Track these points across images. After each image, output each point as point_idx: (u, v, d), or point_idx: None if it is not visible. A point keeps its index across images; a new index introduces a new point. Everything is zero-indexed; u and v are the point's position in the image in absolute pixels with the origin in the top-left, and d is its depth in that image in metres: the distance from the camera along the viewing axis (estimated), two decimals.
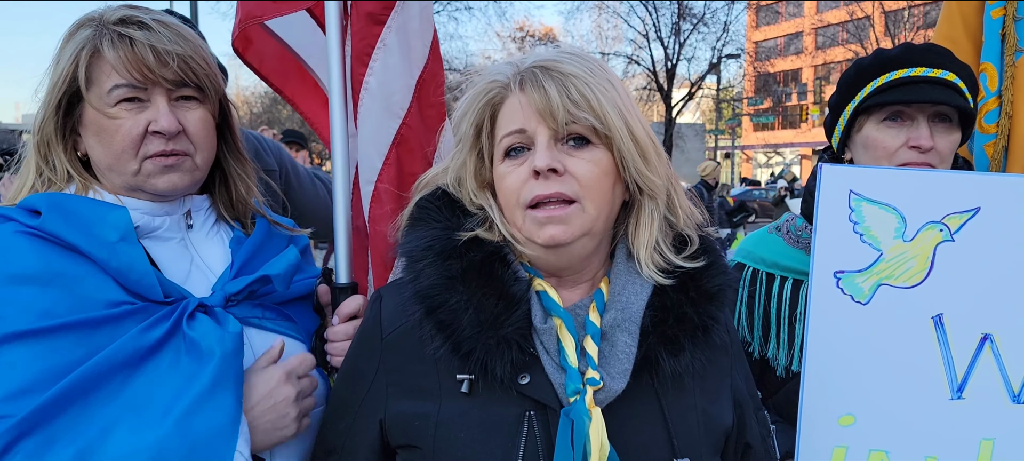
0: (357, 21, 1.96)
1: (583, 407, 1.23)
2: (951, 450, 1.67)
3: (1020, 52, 2.27)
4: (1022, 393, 1.66)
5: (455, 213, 1.37)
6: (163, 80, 1.43)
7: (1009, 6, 2.27)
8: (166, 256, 1.49)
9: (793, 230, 2.05)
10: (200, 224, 1.58)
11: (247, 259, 1.55)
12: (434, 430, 1.29)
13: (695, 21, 30.84)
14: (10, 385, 1.25)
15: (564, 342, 1.28)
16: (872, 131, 1.92)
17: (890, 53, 1.92)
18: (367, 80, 1.94)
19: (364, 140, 1.96)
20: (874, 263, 1.72)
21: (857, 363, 1.71)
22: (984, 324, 1.68)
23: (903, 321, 1.70)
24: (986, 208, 1.69)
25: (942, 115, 1.88)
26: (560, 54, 1.32)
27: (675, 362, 1.30)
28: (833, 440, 1.70)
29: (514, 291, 1.29)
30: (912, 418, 1.68)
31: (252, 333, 1.49)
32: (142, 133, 1.43)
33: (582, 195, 1.27)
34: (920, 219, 1.71)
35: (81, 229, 1.37)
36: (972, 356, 1.68)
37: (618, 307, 1.32)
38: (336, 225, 1.87)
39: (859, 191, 1.73)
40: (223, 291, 1.47)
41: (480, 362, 1.26)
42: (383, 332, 1.39)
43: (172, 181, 1.47)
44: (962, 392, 1.67)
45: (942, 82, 1.85)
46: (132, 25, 1.43)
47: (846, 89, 1.97)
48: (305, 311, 1.67)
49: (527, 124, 1.28)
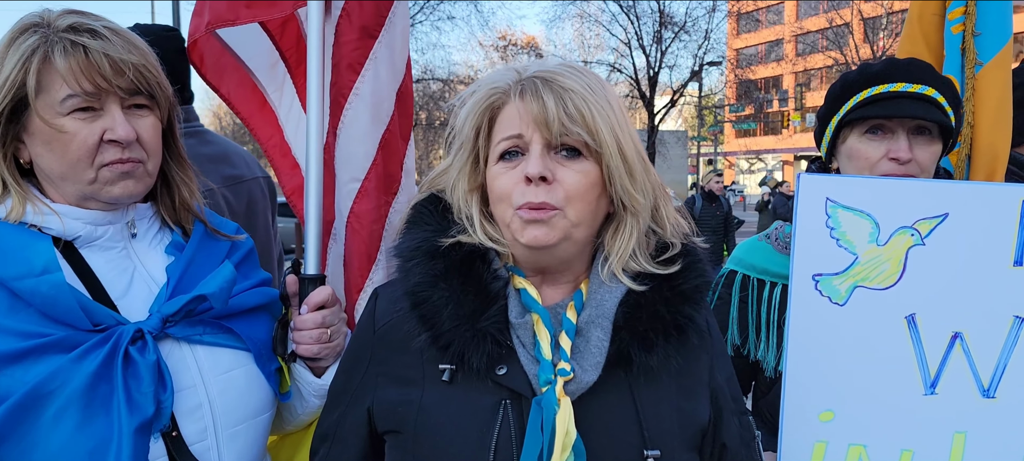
0: (350, 32, 2.06)
1: (553, 396, 1.31)
2: (926, 443, 1.76)
3: (979, 65, 2.38)
4: (991, 388, 1.75)
5: (445, 217, 1.45)
6: (118, 89, 1.43)
7: (968, 22, 2.38)
8: (107, 266, 1.50)
9: (781, 237, 2.14)
10: (143, 232, 1.59)
11: (182, 274, 1.56)
12: (416, 415, 1.37)
13: (677, 29, 31.09)
14: None
15: (539, 336, 1.37)
16: (855, 143, 2.00)
17: (874, 68, 2.01)
18: (358, 87, 2.05)
19: (353, 141, 2.06)
20: (850, 266, 1.81)
21: (835, 361, 1.79)
22: (954, 323, 1.77)
23: (878, 321, 1.78)
24: (954, 213, 1.79)
25: (922, 128, 1.96)
26: (562, 67, 1.39)
27: (647, 357, 1.37)
28: (814, 435, 1.78)
29: (492, 288, 1.37)
30: (888, 413, 1.77)
31: (198, 350, 1.53)
32: (97, 142, 1.42)
33: (566, 203, 1.34)
34: (892, 224, 1.80)
35: (4, 261, 1.36)
36: (943, 353, 1.77)
37: (593, 305, 1.40)
38: (307, 218, 1.92)
39: (835, 198, 1.82)
40: (160, 313, 1.47)
41: (458, 353, 1.34)
42: (376, 326, 1.49)
43: (127, 188, 1.48)
44: (935, 388, 1.76)
45: (922, 97, 1.93)
46: (84, 33, 1.41)
47: (832, 101, 2.06)
48: (254, 322, 1.67)
49: (523, 130, 1.35)
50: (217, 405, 1.52)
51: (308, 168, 1.93)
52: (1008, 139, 2.39)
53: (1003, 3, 2.36)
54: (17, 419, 1.30)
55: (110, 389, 1.36)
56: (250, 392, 1.59)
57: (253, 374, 1.61)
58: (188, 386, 1.49)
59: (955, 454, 1.75)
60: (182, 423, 1.46)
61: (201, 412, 1.50)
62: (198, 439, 1.49)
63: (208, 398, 1.51)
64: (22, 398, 1.30)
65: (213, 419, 1.51)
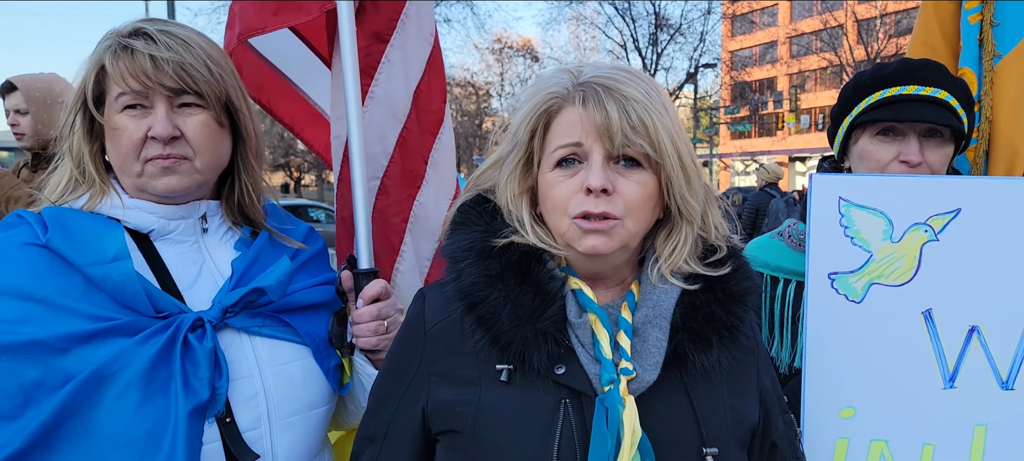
0: (363, 38, 2.12)
1: (617, 395, 1.31)
2: (947, 436, 1.77)
3: (998, 57, 2.30)
4: (1010, 380, 1.77)
5: (495, 218, 1.45)
6: (160, 87, 1.50)
7: (986, 12, 2.29)
8: (178, 259, 1.58)
9: (795, 235, 2.15)
10: (214, 228, 1.66)
11: (247, 268, 1.62)
12: (475, 415, 1.36)
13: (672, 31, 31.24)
14: None
15: (599, 336, 1.36)
16: (866, 144, 2.02)
17: (887, 70, 2.02)
18: (373, 91, 2.14)
19: (371, 142, 2.14)
20: (865, 264, 1.83)
21: (854, 358, 1.81)
22: (971, 317, 1.79)
23: (895, 317, 1.80)
24: (966, 209, 1.81)
25: (933, 131, 1.98)
26: (619, 73, 1.37)
27: (704, 357, 1.38)
28: (836, 432, 1.80)
29: (550, 288, 1.37)
30: (909, 408, 1.79)
31: (256, 341, 1.59)
32: (142, 138, 1.51)
33: (626, 214, 1.34)
34: (906, 221, 1.82)
35: (79, 247, 1.45)
36: (961, 347, 1.79)
37: (649, 305, 1.40)
38: (357, 216, 2.00)
39: (847, 197, 1.84)
40: (221, 303, 1.54)
41: (518, 353, 1.34)
42: (426, 326, 1.47)
43: (169, 183, 1.54)
44: (954, 381, 1.78)
45: (933, 100, 1.94)
46: (138, 36, 1.51)
47: (845, 102, 2.08)
48: (314, 318, 1.72)
49: (584, 139, 1.33)
50: (272, 395, 1.57)
51: (353, 171, 2.01)
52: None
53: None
54: (82, 397, 1.36)
55: (169, 373, 1.42)
56: (306, 385, 1.63)
57: (310, 368, 1.65)
58: (245, 375, 1.54)
59: (976, 446, 1.77)
60: (237, 410, 1.51)
61: (256, 401, 1.54)
62: (252, 427, 1.53)
63: (264, 388, 1.56)
64: (88, 377, 1.36)
65: (267, 408, 1.56)
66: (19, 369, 1.35)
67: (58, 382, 1.36)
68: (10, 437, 1.33)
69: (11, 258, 1.43)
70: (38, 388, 1.35)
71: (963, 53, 2.34)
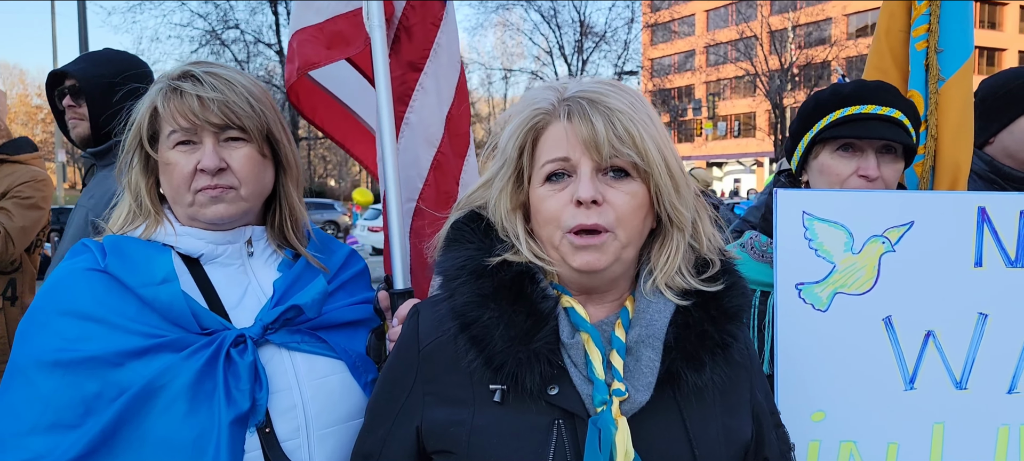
0: (397, 67, 2.29)
1: (610, 416, 1.31)
2: (909, 435, 1.90)
3: (942, 80, 2.49)
4: (963, 380, 1.91)
5: (488, 235, 1.45)
6: (207, 124, 1.63)
7: (931, 39, 2.48)
8: (225, 280, 1.70)
9: (758, 246, 2.25)
10: (260, 251, 1.78)
11: (287, 288, 1.73)
12: (468, 436, 1.37)
13: (597, 39, 31.82)
14: (41, 415, 1.48)
15: (591, 356, 1.37)
16: (827, 159, 2.13)
17: (845, 90, 2.14)
18: (408, 117, 2.29)
19: (406, 166, 2.28)
20: (829, 274, 1.94)
21: (822, 364, 1.91)
22: (926, 322, 1.92)
23: (858, 324, 1.92)
24: (919, 221, 1.94)
25: (889, 147, 2.11)
26: (603, 86, 1.39)
27: (696, 377, 1.38)
28: (808, 435, 1.90)
29: (543, 308, 1.37)
30: (874, 409, 1.90)
31: (296, 356, 1.69)
32: (192, 171, 1.64)
33: (617, 225, 1.34)
34: (865, 233, 1.94)
35: (133, 271, 1.59)
36: (919, 351, 1.91)
37: (643, 324, 1.40)
38: (392, 238, 2.13)
39: (810, 211, 1.95)
40: (262, 320, 1.65)
41: (511, 374, 1.34)
42: (420, 345, 1.47)
43: (218, 212, 1.66)
44: (914, 383, 1.91)
45: (889, 119, 2.08)
46: (187, 79, 1.65)
47: (805, 119, 2.19)
48: (352, 335, 1.82)
49: (571, 153, 1.35)
50: (310, 407, 1.65)
51: (388, 195, 2.12)
52: (969, 151, 2.52)
53: (964, 21, 2.49)
54: (135, 407, 1.48)
55: (213, 385, 1.53)
56: (343, 398, 1.71)
57: (347, 382, 1.73)
58: (284, 388, 1.63)
59: (936, 443, 1.90)
60: (277, 421, 1.60)
61: (295, 412, 1.63)
62: (290, 437, 1.61)
63: (302, 400, 1.65)
64: (140, 390, 1.48)
65: (305, 420, 1.64)
66: (80, 382, 1.48)
67: (114, 394, 1.48)
68: (72, 443, 1.45)
69: (74, 283, 1.58)
70: (97, 399, 1.48)
71: (912, 77, 2.52)
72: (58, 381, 1.48)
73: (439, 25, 2.35)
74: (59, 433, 1.46)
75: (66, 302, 1.56)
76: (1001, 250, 1.92)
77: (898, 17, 2.55)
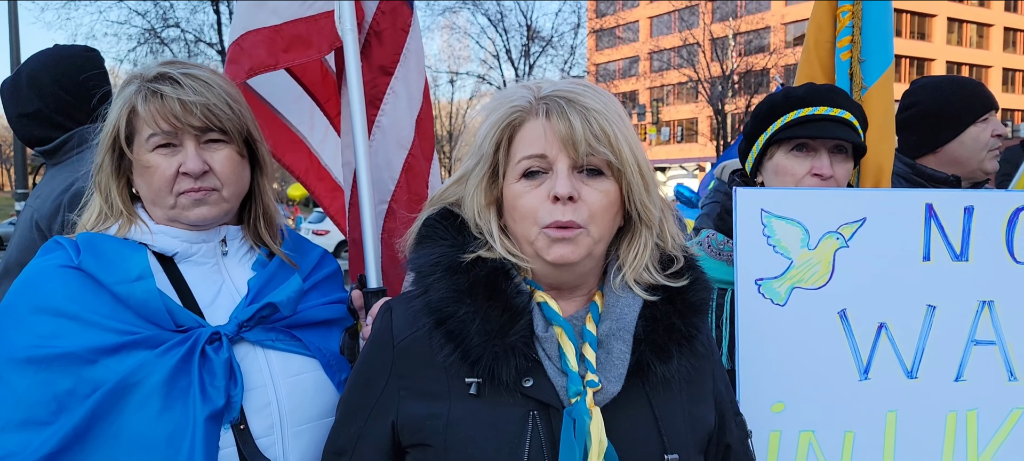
0: (368, 71, 2.29)
1: (584, 407, 1.35)
2: (864, 423, 1.97)
3: (865, 88, 2.67)
4: (914, 369, 1.99)
5: (461, 232, 1.47)
6: (189, 127, 1.63)
7: (854, 50, 2.67)
8: (199, 279, 1.71)
9: (715, 244, 2.31)
10: (234, 250, 1.78)
11: (262, 287, 1.73)
12: (445, 429, 1.39)
13: (544, 44, 32.02)
14: (13, 412, 1.47)
15: (565, 349, 1.41)
16: (782, 159, 2.21)
17: (798, 93, 2.23)
18: (379, 120, 2.31)
19: (378, 168, 2.30)
20: (787, 270, 2.00)
21: (781, 357, 1.98)
22: (879, 315, 2.00)
23: (815, 317, 1.99)
24: (871, 218, 2.02)
25: (841, 147, 2.19)
26: (578, 86, 1.43)
27: (664, 368, 1.44)
28: (768, 426, 1.96)
29: (517, 303, 1.41)
30: (831, 399, 1.97)
31: (270, 354, 1.69)
32: (175, 174, 1.64)
33: (590, 221, 1.39)
34: (820, 230, 2.01)
35: (107, 268, 1.58)
36: (872, 342, 1.99)
37: (613, 318, 1.45)
38: (365, 238, 2.15)
39: (769, 209, 2.01)
40: (237, 318, 1.65)
41: (488, 368, 1.37)
42: (395, 340, 1.48)
43: (201, 213, 1.68)
44: (868, 374, 1.98)
45: (841, 120, 2.16)
46: (165, 81, 1.64)
47: (760, 121, 2.26)
48: (326, 334, 1.83)
49: (548, 150, 1.39)
50: (284, 405, 1.66)
51: (360, 194, 2.14)
52: (891, 153, 2.69)
53: (885, 33, 2.67)
54: (109, 404, 1.48)
55: (188, 382, 1.53)
56: (317, 396, 1.72)
57: (321, 380, 1.74)
58: (259, 385, 1.64)
59: (889, 430, 1.97)
60: (251, 418, 1.61)
61: (269, 409, 1.64)
62: (265, 434, 1.62)
63: (276, 398, 1.66)
64: (113, 386, 1.48)
65: (280, 417, 1.65)
66: (53, 379, 1.48)
67: (88, 391, 1.48)
68: (44, 440, 1.45)
69: (47, 279, 1.58)
70: (70, 396, 1.47)
71: (837, 84, 2.68)
72: (31, 378, 1.48)
73: (408, 31, 2.38)
74: (31, 430, 1.45)
75: (39, 299, 1.55)
76: (947, 245, 2.01)
77: (825, 29, 2.74)
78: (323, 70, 2.44)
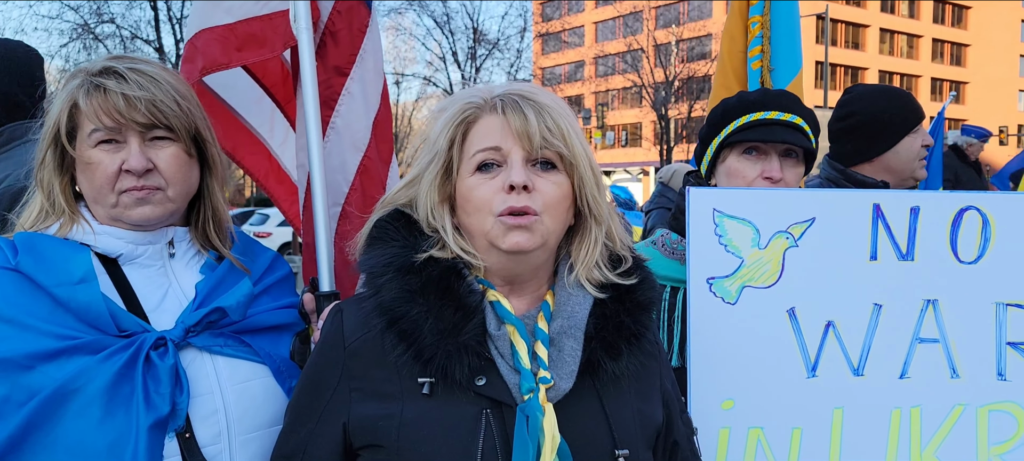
0: (323, 72, 2.25)
1: (537, 403, 1.37)
2: (811, 420, 2.00)
3: None
4: (860, 367, 2.03)
5: (412, 233, 1.48)
6: (133, 123, 1.58)
7: (764, 59, 2.82)
8: (144, 282, 1.65)
9: (668, 243, 2.32)
10: (181, 253, 1.73)
11: (210, 291, 1.67)
12: (398, 429, 1.39)
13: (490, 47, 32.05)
14: None
15: (517, 347, 1.42)
16: (734, 162, 2.24)
17: (751, 97, 2.26)
18: (334, 121, 2.25)
19: (332, 171, 2.25)
20: (738, 269, 2.02)
21: (732, 354, 1.99)
22: (827, 313, 2.03)
23: (765, 316, 2.01)
24: (820, 217, 2.05)
25: (791, 151, 2.23)
26: (531, 87, 1.49)
27: (614, 365, 1.47)
28: (718, 423, 1.97)
29: (469, 302, 1.42)
30: (779, 396, 1.99)
31: (218, 360, 1.64)
32: (117, 171, 1.59)
33: (544, 211, 1.41)
34: (770, 229, 2.03)
35: (47, 270, 1.52)
36: (820, 340, 2.02)
37: (564, 316, 1.47)
38: (318, 240, 2.12)
39: (721, 208, 2.03)
40: (183, 323, 1.60)
41: (441, 367, 1.38)
42: (345, 342, 1.47)
43: (144, 213, 1.61)
44: (815, 371, 2.01)
45: (791, 125, 2.20)
46: (109, 75, 1.58)
47: (713, 126, 2.28)
48: (276, 339, 1.78)
49: (503, 143, 1.42)
50: (232, 412, 1.62)
51: (314, 196, 2.10)
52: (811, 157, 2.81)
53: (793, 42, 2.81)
54: (46, 412, 1.43)
55: (131, 389, 1.48)
56: (266, 403, 1.68)
57: (270, 387, 1.70)
58: (206, 392, 1.59)
59: (836, 427, 2.00)
60: (198, 426, 1.56)
61: (216, 417, 1.59)
62: (212, 442, 1.58)
63: (224, 405, 1.61)
64: (51, 393, 1.43)
65: (227, 424, 1.60)
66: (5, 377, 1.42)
67: (24, 398, 1.42)
68: None
69: None
70: (5, 403, 1.42)
71: None
72: None
73: (366, 31, 2.36)
74: None
75: None
76: (894, 244, 2.05)
77: (737, 39, 2.89)
78: (284, 72, 2.40)
